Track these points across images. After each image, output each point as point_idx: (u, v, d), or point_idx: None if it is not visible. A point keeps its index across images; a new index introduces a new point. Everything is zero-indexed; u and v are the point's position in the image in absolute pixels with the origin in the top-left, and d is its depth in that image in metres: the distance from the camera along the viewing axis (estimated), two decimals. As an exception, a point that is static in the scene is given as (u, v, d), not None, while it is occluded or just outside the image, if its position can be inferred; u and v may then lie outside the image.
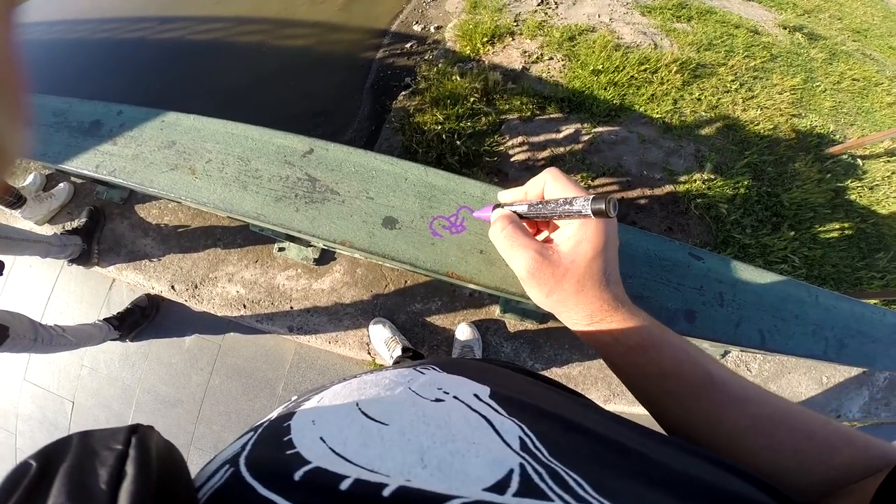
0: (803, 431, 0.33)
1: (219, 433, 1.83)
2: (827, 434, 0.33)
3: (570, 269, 0.38)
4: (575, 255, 0.38)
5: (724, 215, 2.21)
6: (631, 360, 0.39)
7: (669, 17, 3.23)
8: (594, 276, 0.38)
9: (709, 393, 0.36)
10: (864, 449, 0.32)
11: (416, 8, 3.44)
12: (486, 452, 0.22)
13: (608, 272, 0.39)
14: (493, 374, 0.38)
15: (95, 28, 3.47)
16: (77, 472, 0.20)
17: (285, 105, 2.88)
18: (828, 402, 1.89)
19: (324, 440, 0.24)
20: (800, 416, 0.34)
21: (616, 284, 0.40)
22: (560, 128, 2.47)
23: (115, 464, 0.20)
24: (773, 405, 0.35)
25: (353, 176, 0.61)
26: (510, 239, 0.40)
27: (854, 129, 2.91)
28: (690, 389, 0.37)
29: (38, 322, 1.50)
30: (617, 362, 0.41)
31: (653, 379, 0.39)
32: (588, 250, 0.38)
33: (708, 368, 0.37)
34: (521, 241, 0.40)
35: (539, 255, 0.39)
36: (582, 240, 0.38)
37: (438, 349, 1.78)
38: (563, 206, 0.37)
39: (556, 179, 0.40)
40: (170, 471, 0.22)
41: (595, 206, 0.35)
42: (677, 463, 0.25)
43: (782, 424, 0.34)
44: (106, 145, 0.73)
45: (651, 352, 0.38)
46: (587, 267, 0.38)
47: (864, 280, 2.23)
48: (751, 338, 0.61)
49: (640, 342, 0.38)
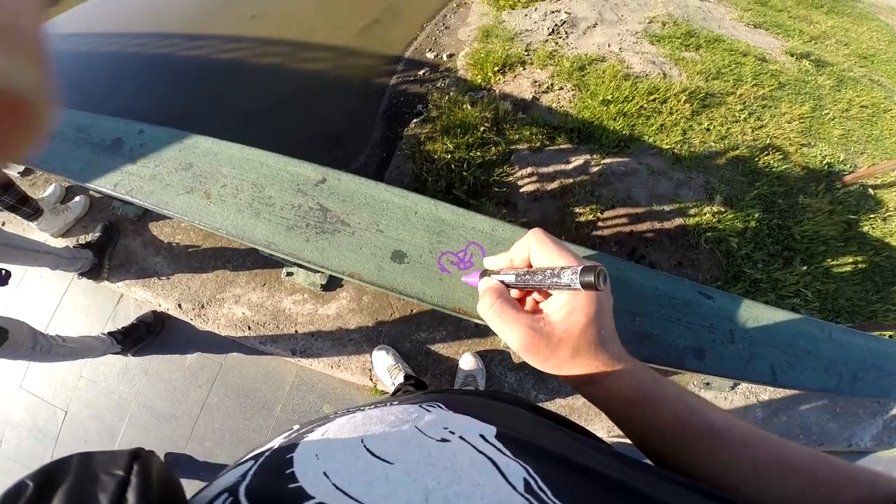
0: (805, 472, 0.33)
1: (210, 450, 1.81)
2: (831, 473, 0.33)
3: (563, 338, 0.38)
4: (567, 324, 0.38)
5: (734, 249, 2.19)
6: (628, 414, 0.40)
7: (678, 46, 3.28)
8: (589, 342, 0.38)
9: (708, 440, 0.36)
10: (870, 486, 0.31)
11: (430, 35, 3.54)
12: (490, 494, 0.22)
13: (603, 335, 0.39)
14: (499, 414, 0.38)
15: (126, 42, 3.60)
16: (76, 497, 0.19)
17: (301, 128, 2.94)
18: (840, 431, 1.85)
19: (327, 476, 0.23)
20: (802, 456, 0.35)
21: (612, 343, 0.40)
22: (569, 159, 2.49)
23: (116, 490, 0.20)
24: (774, 446, 0.35)
25: (364, 207, 0.61)
26: (499, 315, 0.40)
27: (864, 157, 2.90)
28: (689, 439, 0.37)
29: (39, 331, 1.51)
30: (615, 416, 0.41)
31: (651, 431, 0.39)
32: (581, 319, 0.37)
33: (706, 417, 0.37)
34: (512, 317, 0.39)
35: (531, 330, 0.38)
36: (574, 309, 0.38)
37: (441, 378, 1.76)
38: (552, 277, 0.36)
39: (540, 244, 0.40)
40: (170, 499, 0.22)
41: (584, 280, 0.34)
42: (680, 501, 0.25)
43: (784, 465, 0.34)
44: (126, 164, 0.74)
45: (648, 406, 0.38)
46: (581, 335, 0.38)
47: (880, 313, 2.18)
48: (762, 374, 0.60)
49: (636, 397, 0.39)
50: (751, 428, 0.37)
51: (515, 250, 0.43)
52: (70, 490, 0.20)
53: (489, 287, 0.42)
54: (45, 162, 0.77)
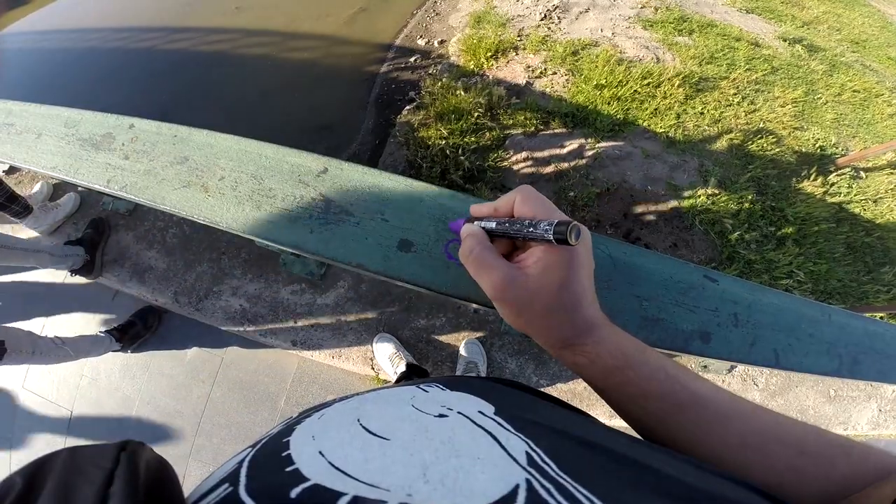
0: (795, 445, 0.33)
1: (219, 445, 1.81)
2: (821, 447, 0.32)
3: (537, 291, 0.37)
4: (542, 279, 0.37)
5: (728, 231, 2.21)
6: (609, 383, 0.39)
7: (671, 31, 3.26)
8: (563, 302, 0.38)
9: (693, 411, 0.35)
10: (863, 460, 0.31)
11: (421, 22, 3.49)
12: (491, 468, 0.22)
13: (580, 295, 0.38)
14: (497, 393, 0.38)
15: (107, 37, 3.52)
16: (62, 491, 0.19)
17: (290, 118, 2.90)
18: (836, 414, 1.88)
19: (323, 454, 0.23)
20: (791, 429, 0.34)
21: (590, 306, 0.39)
22: (564, 143, 2.49)
23: (101, 482, 0.20)
24: (762, 420, 0.35)
25: (368, 197, 0.60)
26: (478, 260, 0.40)
27: (856, 140, 2.92)
28: (672, 409, 0.36)
29: (37, 334, 1.50)
30: (596, 384, 0.40)
31: (634, 400, 0.38)
32: (556, 275, 0.37)
33: (690, 386, 0.36)
34: (490, 263, 0.39)
35: (506, 277, 0.38)
36: (550, 265, 0.37)
37: (443, 365, 1.76)
38: (528, 227, 0.36)
39: (525, 198, 0.39)
40: (161, 489, 0.22)
41: (556, 233, 0.33)
42: (686, 476, 0.25)
43: (773, 439, 0.33)
44: (117, 160, 0.72)
45: (629, 372, 0.37)
46: (556, 293, 0.37)
47: (871, 294, 2.22)
48: (765, 357, 0.61)
49: (616, 364, 0.38)
50: (738, 399, 0.36)
51: (501, 200, 0.42)
52: (57, 484, 0.20)
53: (471, 232, 0.42)
54: (34, 160, 0.75)
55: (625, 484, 0.23)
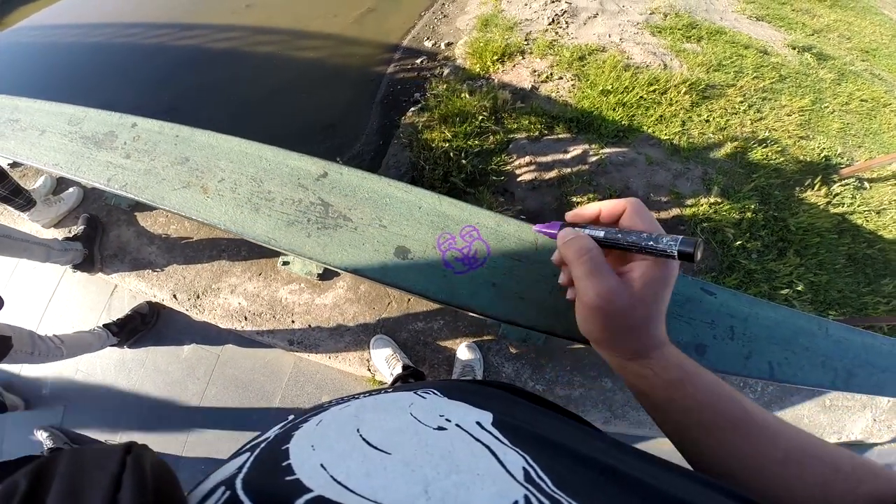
0: (830, 464, 0.35)
1: (211, 442, 1.81)
2: (853, 467, 0.34)
3: (636, 307, 0.39)
4: (643, 294, 0.39)
5: (729, 240, 2.20)
6: (668, 396, 0.40)
7: (679, 38, 3.26)
8: (652, 316, 0.40)
9: (744, 425, 0.37)
10: (889, 481, 0.33)
11: (428, 24, 3.49)
12: (490, 484, 0.22)
13: (662, 312, 0.41)
14: (495, 400, 0.39)
15: (116, 33, 3.53)
16: (70, 494, 0.19)
17: (296, 117, 2.91)
18: (831, 423, 1.88)
19: (325, 468, 0.23)
20: (827, 449, 0.36)
21: (663, 323, 0.41)
22: (568, 148, 2.48)
23: (109, 487, 0.20)
24: (803, 438, 0.37)
25: (367, 202, 0.60)
26: (593, 264, 0.40)
27: (862, 151, 2.91)
28: (726, 423, 0.38)
29: (37, 334, 1.50)
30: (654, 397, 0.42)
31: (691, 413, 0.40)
32: (657, 291, 0.39)
33: (743, 403, 0.39)
34: (602, 269, 0.39)
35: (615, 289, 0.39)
36: (652, 280, 0.39)
37: (439, 368, 1.76)
38: (649, 241, 0.37)
39: (638, 211, 0.41)
40: (165, 493, 0.22)
41: (682, 248, 0.34)
42: (677, 489, 0.25)
43: (811, 457, 0.35)
44: (119, 158, 0.72)
45: (689, 386, 0.39)
46: (651, 306, 0.39)
47: (870, 305, 2.21)
48: (760, 369, 0.61)
49: (678, 377, 0.40)
50: (779, 419, 0.39)
51: (606, 205, 0.43)
52: (63, 488, 0.19)
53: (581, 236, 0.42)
54: (36, 156, 0.75)
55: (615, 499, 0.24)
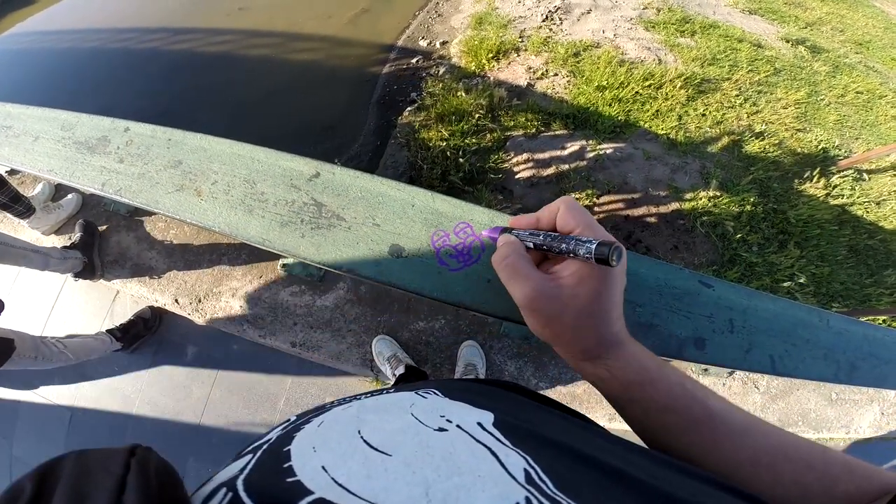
0: (802, 462, 0.34)
1: (218, 446, 1.81)
2: (826, 464, 0.34)
3: (568, 304, 0.38)
4: (576, 292, 0.38)
5: (729, 233, 2.20)
6: (628, 397, 0.40)
7: (673, 33, 3.25)
8: (594, 315, 0.38)
9: (708, 427, 0.37)
10: (866, 479, 0.32)
11: (423, 23, 3.49)
12: (491, 486, 0.22)
13: (608, 311, 0.39)
14: (496, 400, 0.38)
15: (110, 38, 3.54)
16: (74, 497, 0.19)
17: (292, 119, 2.91)
18: (838, 417, 1.87)
19: (326, 470, 0.23)
20: (799, 447, 0.35)
21: (617, 322, 0.40)
22: (565, 144, 2.48)
23: (114, 489, 0.20)
24: (773, 437, 0.36)
25: (360, 201, 0.60)
26: (512, 268, 0.40)
27: (859, 142, 2.90)
28: (689, 424, 0.37)
29: (41, 339, 1.50)
30: (615, 398, 0.41)
31: (651, 414, 0.39)
32: (589, 289, 0.38)
33: (706, 403, 0.37)
34: (523, 272, 0.39)
35: (538, 289, 0.38)
36: (584, 278, 0.38)
37: (442, 367, 1.76)
38: (569, 243, 0.37)
39: (568, 210, 0.40)
40: (169, 495, 0.22)
41: (599, 253, 0.34)
42: (682, 490, 0.25)
43: (782, 456, 0.35)
44: (112, 163, 0.72)
45: (648, 388, 0.38)
46: (587, 305, 0.38)
47: (874, 297, 2.20)
48: (761, 363, 0.60)
49: (637, 379, 0.39)
50: (750, 417, 0.38)
51: (544, 212, 0.42)
52: (68, 490, 0.19)
53: (507, 241, 0.43)
54: (31, 162, 0.75)
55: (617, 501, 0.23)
